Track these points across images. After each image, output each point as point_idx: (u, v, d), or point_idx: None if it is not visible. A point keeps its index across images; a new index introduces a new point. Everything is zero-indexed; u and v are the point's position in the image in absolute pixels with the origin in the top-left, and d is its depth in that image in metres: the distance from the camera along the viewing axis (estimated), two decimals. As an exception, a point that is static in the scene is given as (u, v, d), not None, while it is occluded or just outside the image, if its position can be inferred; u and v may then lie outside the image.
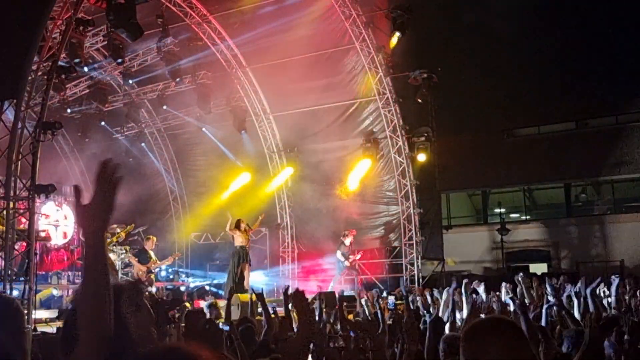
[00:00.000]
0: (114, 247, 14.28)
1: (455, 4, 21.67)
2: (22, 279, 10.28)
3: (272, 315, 6.53)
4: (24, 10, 9.68)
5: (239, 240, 14.72)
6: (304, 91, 18.14)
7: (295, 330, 4.75)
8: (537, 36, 23.05)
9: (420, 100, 17.81)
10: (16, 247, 10.71)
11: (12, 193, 10.04)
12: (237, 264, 14.52)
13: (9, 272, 9.92)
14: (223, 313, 7.90)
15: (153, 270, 14.13)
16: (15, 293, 9.74)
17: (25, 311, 7.85)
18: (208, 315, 7.14)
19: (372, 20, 17.71)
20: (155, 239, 14.71)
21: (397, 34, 16.77)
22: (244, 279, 14.51)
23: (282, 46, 16.89)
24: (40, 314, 10.88)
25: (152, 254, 13.94)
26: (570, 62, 22.86)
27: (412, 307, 8.48)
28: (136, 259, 13.81)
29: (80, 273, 14.44)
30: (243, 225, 14.86)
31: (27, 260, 10.25)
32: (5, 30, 9.57)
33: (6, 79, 9.63)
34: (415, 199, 18.55)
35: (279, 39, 16.82)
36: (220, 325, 6.46)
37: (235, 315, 10.85)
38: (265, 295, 16.71)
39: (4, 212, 10.03)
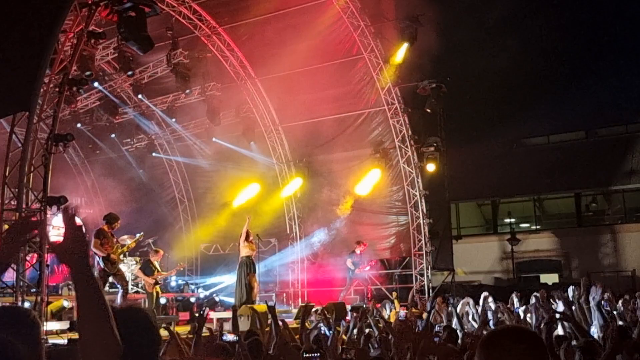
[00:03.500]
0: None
1: (464, 14, 21.70)
2: (33, 290, 10.31)
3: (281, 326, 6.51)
4: (36, 24, 9.78)
5: (245, 250, 14.71)
6: (313, 102, 18.19)
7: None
8: (548, 46, 23.05)
9: (429, 110, 17.83)
10: (27, 258, 10.75)
11: (24, 205, 10.09)
12: (245, 275, 14.49)
13: (21, 283, 9.96)
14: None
15: (159, 282, 14.13)
16: (26, 305, 9.76)
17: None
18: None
19: (380, 31, 17.75)
20: (162, 252, 14.73)
21: (406, 44, 16.82)
22: (253, 289, 14.49)
23: (291, 58, 16.95)
24: (51, 325, 10.90)
25: (156, 264, 13.94)
26: (580, 71, 22.83)
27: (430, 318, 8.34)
28: (142, 271, 13.84)
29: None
30: (251, 237, 14.88)
31: (38, 272, 10.29)
32: (18, 43, 9.67)
33: (18, 91, 9.72)
34: (424, 209, 18.50)
35: (287, 51, 16.88)
36: (228, 336, 6.48)
37: (245, 326, 10.84)
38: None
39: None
